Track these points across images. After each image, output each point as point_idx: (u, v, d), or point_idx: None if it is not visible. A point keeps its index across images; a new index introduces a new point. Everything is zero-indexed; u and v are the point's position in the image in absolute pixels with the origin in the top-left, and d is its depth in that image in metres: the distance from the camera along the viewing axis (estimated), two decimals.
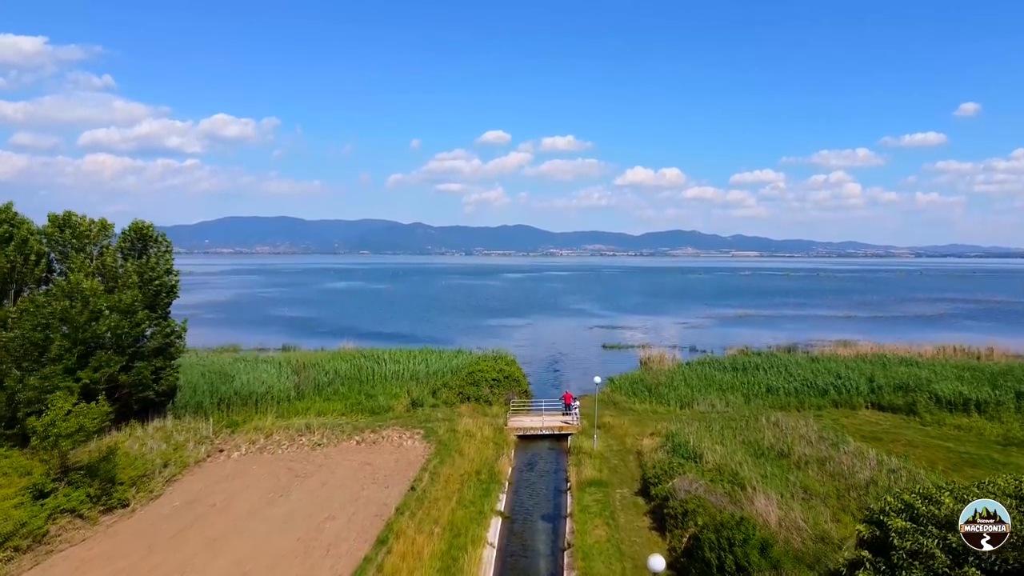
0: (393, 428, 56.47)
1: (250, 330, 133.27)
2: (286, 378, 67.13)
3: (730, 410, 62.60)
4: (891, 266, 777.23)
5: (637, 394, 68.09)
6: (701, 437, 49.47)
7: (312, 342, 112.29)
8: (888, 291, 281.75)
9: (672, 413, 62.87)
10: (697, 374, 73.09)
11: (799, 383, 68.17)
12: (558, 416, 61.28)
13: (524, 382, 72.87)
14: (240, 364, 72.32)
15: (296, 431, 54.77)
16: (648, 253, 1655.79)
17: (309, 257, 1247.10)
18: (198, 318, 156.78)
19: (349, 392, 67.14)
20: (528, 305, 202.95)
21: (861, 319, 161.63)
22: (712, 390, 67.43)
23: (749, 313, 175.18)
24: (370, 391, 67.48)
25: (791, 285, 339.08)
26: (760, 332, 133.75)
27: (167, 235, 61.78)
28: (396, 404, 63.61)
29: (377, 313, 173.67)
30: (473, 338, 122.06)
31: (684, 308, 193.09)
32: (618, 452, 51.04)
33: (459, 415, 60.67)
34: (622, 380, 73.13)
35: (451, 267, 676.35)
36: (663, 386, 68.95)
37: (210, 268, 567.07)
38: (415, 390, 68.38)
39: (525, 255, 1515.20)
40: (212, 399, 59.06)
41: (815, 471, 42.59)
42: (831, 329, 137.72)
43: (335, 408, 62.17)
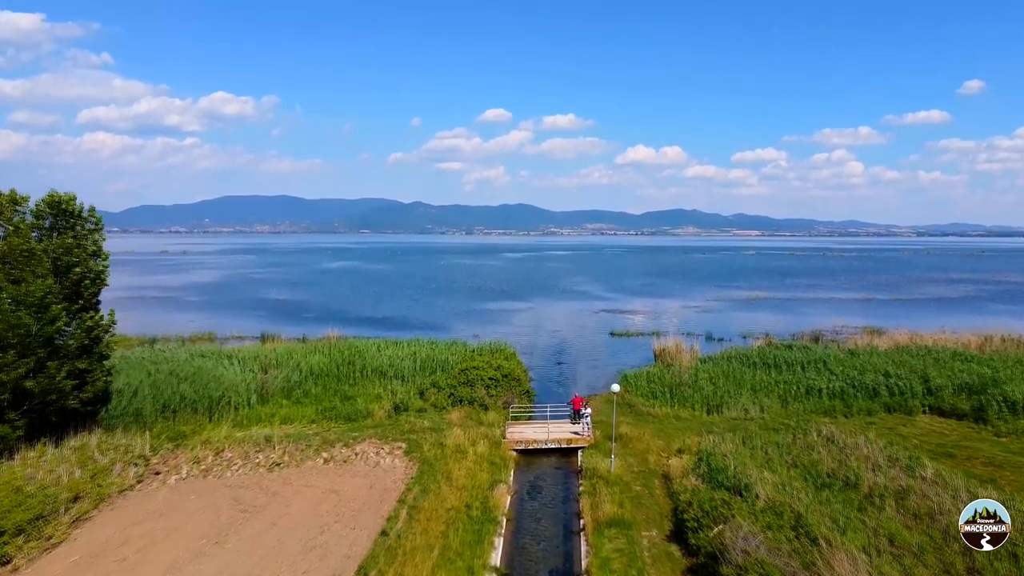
0: (370, 441, 47.47)
1: (231, 315, 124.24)
2: (250, 378, 57.93)
3: (765, 416, 53.55)
4: (895, 245, 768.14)
5: (656, 395, 58.97)
6: (742, 457, 40.42)
7: (294, 329, 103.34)
8: (900, 271, 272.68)
9: (698, 420, 53.85)
10: (723, 371, 63.91)
11: (843, 382, 58.97)
12: (565, 425, 52.21)
13: (525, 381, 63.72)
14: (200, 360, 63.19)
15: (253, 445, 45.76)
16: (649, 232, 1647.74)
17: (309, 236, 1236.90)
18: (179, 301, 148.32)
19: (323, 393, 58.09)
20: (529, 286, 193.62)
21: (881, 302, 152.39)
22: (742, 391, 58.29)
23: (761, 295, 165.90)
24: (348, 392, 58.45)
25: (798, 265, 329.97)
26: (777, 317, 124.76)
27: (171, 214, 51.97)
28: (376, 409, 54.48)
29: (369, 296, 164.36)
30: (470, 324, 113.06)
31: (691, 290, 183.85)
32: (640, 475, 42.01)
33: (449, 424, 51.64)
34: (637, 378, 63.95)
35: (450, 246, 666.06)
36: (686, 386, 59.83)
37: (205, 247, 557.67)
38: (400, 391, 59.40)
39: (526, 234, 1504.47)
40: (155, 406, 49.80)
41: (894, 509, 33.50)
42: (853, 313, 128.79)
43: (304, 414, 53.08)
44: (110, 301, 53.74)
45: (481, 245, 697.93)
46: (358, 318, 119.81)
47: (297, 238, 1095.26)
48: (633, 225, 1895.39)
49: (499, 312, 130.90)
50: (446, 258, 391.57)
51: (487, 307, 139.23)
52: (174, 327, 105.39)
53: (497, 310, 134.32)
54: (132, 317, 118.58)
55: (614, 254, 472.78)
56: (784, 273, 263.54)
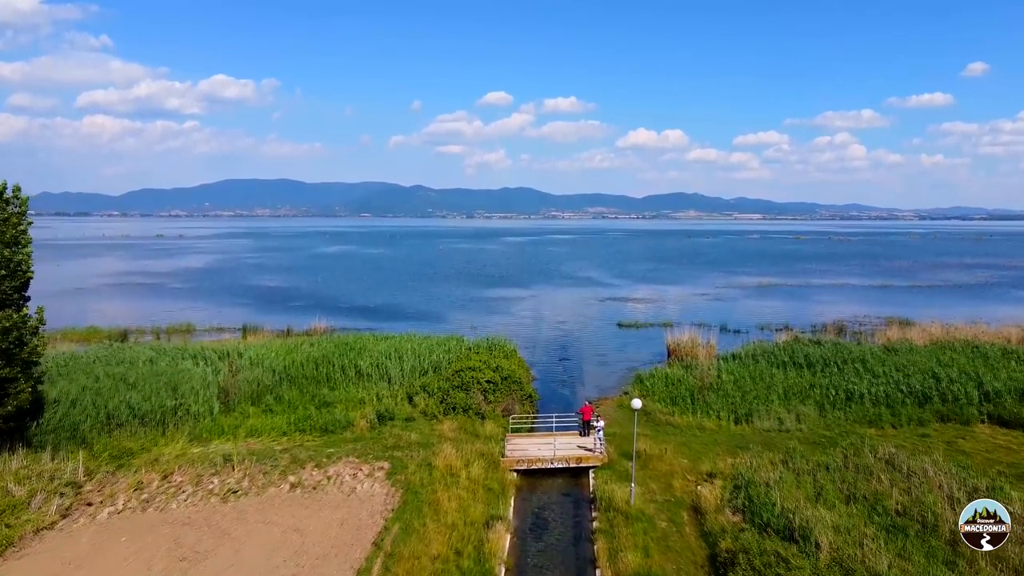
0: (347, 460, 40.67)
1: (215, 304, 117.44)
2: (215, 381, 50.98)
3: (803, 428, 46.71)
4: (899, 229, 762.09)
5: (676, 401, 52.05)
6: (788, 487, 33.67)
7: (279, 319, 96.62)
8: (911, 256, 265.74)
9: (726, 432, 47.03)
10: (749, 372, 56.92)
11: (887, 386, 52.04)
12: (574, 437, 45.39)
13: (527, 384, 56.78)
14: (163, 359, 56.32)
15: (209, 466, 38.95)
16: (650, 216, 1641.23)
17: (309, 220, 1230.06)
18: (164, 288, 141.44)
19: (300, 398, 51.23)
20: (530, 272, 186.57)
21: (900, 289, 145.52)
22: (773, 396, 51.39)
23: (772, 282, 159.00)
24: (327, 397, 51.58)
25: (805, 249, 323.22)
26: (792, 305, 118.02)
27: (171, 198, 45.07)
28: (358, 418, 47.57)
29: (363, 282, 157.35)
30: (467, 314, 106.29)
31: (699, 276, 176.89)
32: (665, 506, 35.20)
33: (440, 437, 44.84)
34: (654, 380, 56.99)
35: (450, 230, 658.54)
36: (709, 390, 52.94)
37: (202, 231, 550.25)
38: (386, 395, 52.67)
39: (527, 217, 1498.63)
40: (96, 419, 42.88)
41: (989, 563, 26.69)
42: (873, 302, 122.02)
43: (275, 425, 46.20)
44: (93, 289, 47.33)
45: (481, 229, 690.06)
46: (349, 307, 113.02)
47: (297, 222, 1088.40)
48: (634, 209, 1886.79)
49: (498, 300, 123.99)
50: (445, 242, 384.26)
51: (486, 295, 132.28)
52: (151, 317, 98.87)
53: (496, 298, 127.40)
54: (108, 307, 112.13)
55: (616, 238, 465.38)
56: (792, 258, 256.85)
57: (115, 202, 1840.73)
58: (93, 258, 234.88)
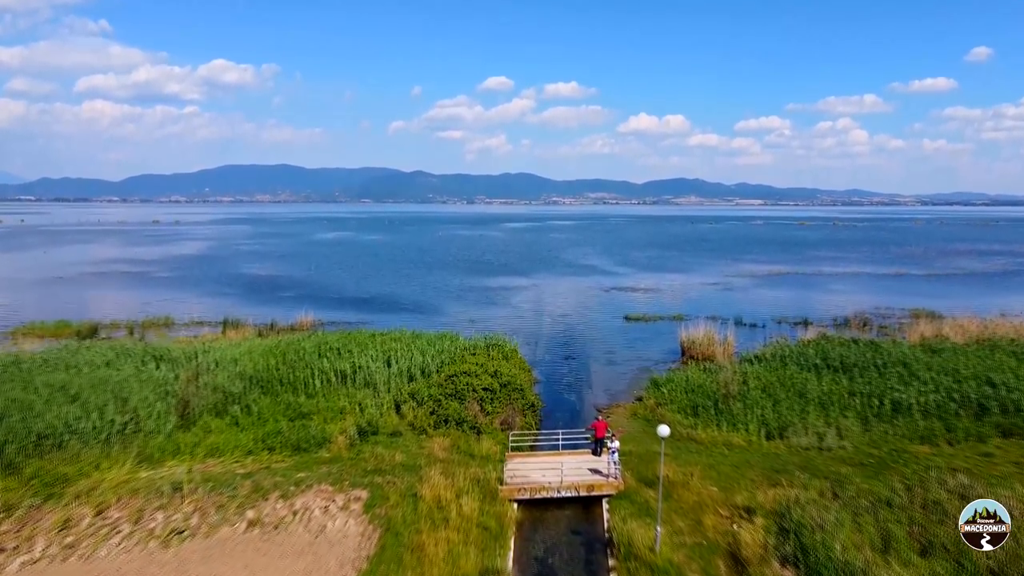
0: (319, 489, 34.66)
1: (200, 294, 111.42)
2: (176, 390, 44.88)
3: (847, 445, 40.58)
4: (902, 214, 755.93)
5: (698, 411, 46.00)
6: (846, 530, 27.68)
7: (265, 311, 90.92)
8: (920, 242, 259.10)
9: (757, 450, 40.98)
10: (778, 376, 50.76)
11: (937, 394, 45.90)
12: (584, 457, 39.33)
13: (529, 390, 50.53)
14: (119, 361, 50.26)
15: (155, 497, 32.98)
16: (651, 201, 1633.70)
17: (309, 205, 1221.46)
18: (149, 277, 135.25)
19: (272, 409, 45.20)
20: (531, 260, 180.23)
21: (916, 278, 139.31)
22: (808, 406, 45.25)
23: (783, 270, 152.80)
24: (303, 406, 45.55)
25: (811, 235, 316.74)
26: (807, 296, 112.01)
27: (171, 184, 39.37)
28: (336, 433, 41.50)
29: (358, 270, 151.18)
30: (465, 306, 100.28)
31: (706, 263, 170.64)
32: (696, 552, 29.14)
33: (429, 458, 38.82)
34: (670, 385, 50.88)
35: (451, 216, 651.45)
36: (734, 398, 46.86)
37: (199, 217, 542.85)
38: (370, 404, 46.70)
39: (527, 203, 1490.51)
40: (26, 439, 36.68)
41: None
42: (891, 292, 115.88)
43: (240, 443, 40.13)
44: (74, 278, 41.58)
45: (482, 215, 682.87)
46: (340, 298, 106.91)
47: (296, 207, 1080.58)
48: (635, 194, 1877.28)
49: (498, 291, 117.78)
50: (445, 229, 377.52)
51: (485, 284, 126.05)
52: (129, 310, 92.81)
53: (496, 288, 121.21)
54: (85, 298, 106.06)
55: (618, 224, 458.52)
56: (798, 244, 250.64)
57: (115, 188, 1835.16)
58: (83, 245, 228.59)
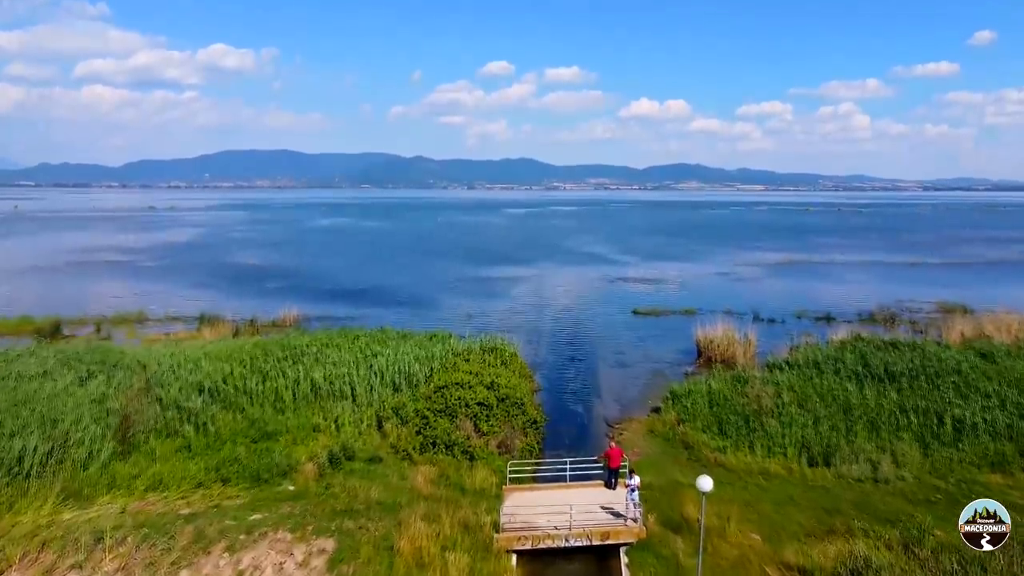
0: (275, 537, 28.41)
1: (183, 285, 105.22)
2: (119, 407, 38.56)
3: (906, 476, 34.23)
4: (906, 200, 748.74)
5: (725, 429, 39.77)
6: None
7: (248, 305, 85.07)
8: (931, 229, 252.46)
9: (800, 480, 34.64)
10: (813, 386, 44.41)
11: (1003, 410, 39.57)
12: (596, 490, 33.12)
13: (531, 404, 44.06)
14: (60, 369, 43.84)
15: (71, 549, 26.74)
16: (652, 187, 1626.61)
17: (308, 191, 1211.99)
18: (132, 267, 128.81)
19: (233, 427, 38.95)
20: (532, 248, 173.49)
21: (934, 267, 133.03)
22: (855, 424, 38.95)
23: (795, 258, 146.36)
24: (270, 425, 39.30)
25: (817, 221, 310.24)
26: (824, 287, 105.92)
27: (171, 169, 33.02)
28: (304, 460, 35.31)
29: (353, 259, 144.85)
30: (461, 298, 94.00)
31: (713, 251, 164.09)
32: None
33: (412, 493, 32.63)
34: (693, 397, 44.46)
35: (451, 201, 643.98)
36: (768, 414, 40.58)
37: (196, 203, 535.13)
38: (347, 421, 40.56)
39: (528, 189, 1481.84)
40: None
41: None
42: (912, 282, 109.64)
43: (188, 473, 33.80)
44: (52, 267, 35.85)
45: (482, 200, 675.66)
46: (330, 290, 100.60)
47: (296, 193, 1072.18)
48: (636, 180, 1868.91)
49: (497, 282, 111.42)
50: (444, 214, 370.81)
51: (484, 274, 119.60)
52: (101, 304, 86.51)
53: (495, 278, 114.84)
54: (57, 290, 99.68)
55: (620, 210, 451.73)
56: (806, 231, 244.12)
57: (115, 173, 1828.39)
58: (71, 232, 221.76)
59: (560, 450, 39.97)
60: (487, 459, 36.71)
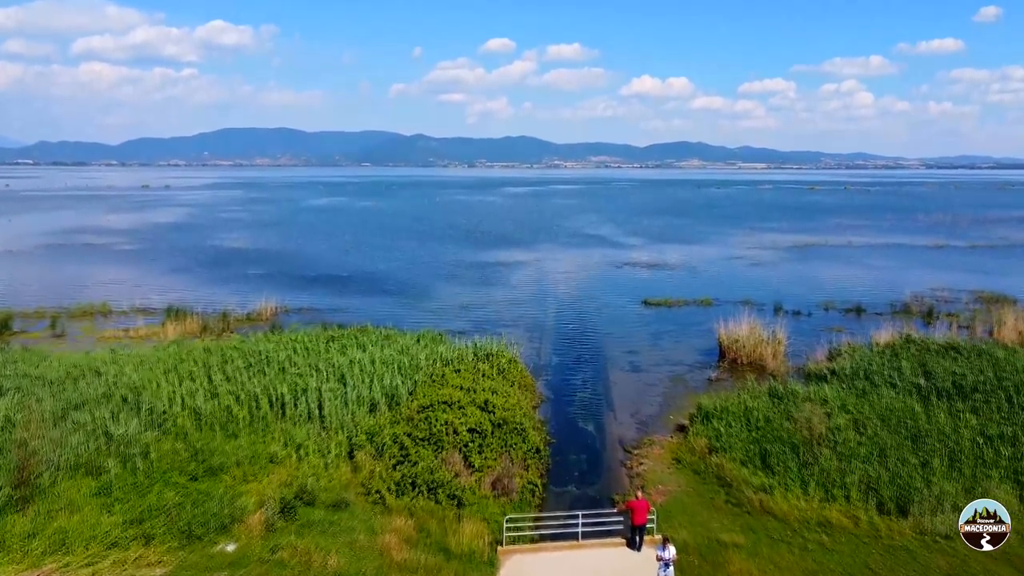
0: None
1: (159, 271, 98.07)
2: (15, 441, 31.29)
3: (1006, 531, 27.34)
4: (911, 178, 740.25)
5: (769, 460, 32.47)
6: None
7: (222, 293, 79.23)
8: (945, 208, 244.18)
9: (871, 536, 27.40)
10: (872, 405, 37.16)
11: None
12: (617, 551, 26.18)
13: (533, 428, 36.61)
14: None
15: None
16: (654, 165, 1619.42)
17: (308, 170, 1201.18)
18: (108, 250, 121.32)
19: (171, 459, 31.79)
20: (533, 230, 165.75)
21: (959, 250, 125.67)
22: (933, 458, 31.64)
23: (809, 241, 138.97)
24: (216, 456, 32.08)
25: (825, 200, 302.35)
26: (847, 273, 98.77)
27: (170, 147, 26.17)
28: (251, 507, 28.27)
29: (344, 241, 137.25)
30: (455, 288, 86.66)
31: (722, 233, 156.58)
32: None
33: (381, 556, 25.48)
34: (726, 415, 37.02)
35: (451, 180, 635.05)
36: (820, 442, 33.33)
37: (192, 182, 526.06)
38: (312, 449, 33.43)
39: (529, 167, 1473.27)
40: None
41: None
42: (940, 268, 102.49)
43: (101, 529, 26.70)
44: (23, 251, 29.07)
45: (483, 179, 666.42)
46: (314, 277, 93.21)
47: (295, 171, 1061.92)
48: (637, 158, 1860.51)
49: (496, 267, 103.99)
50: (444, 193, 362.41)
51: (481, 259, 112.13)
52: (66, 293, 79.47)
53: (493, 263, 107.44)
54: (21, 277, 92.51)
55: (623, 189, 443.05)
56: (816, 210, 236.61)
57: (114, 151, 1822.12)
58: (56, 212, 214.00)
59: (569, 486, 33.10)
60: (479, 504, 29.61)
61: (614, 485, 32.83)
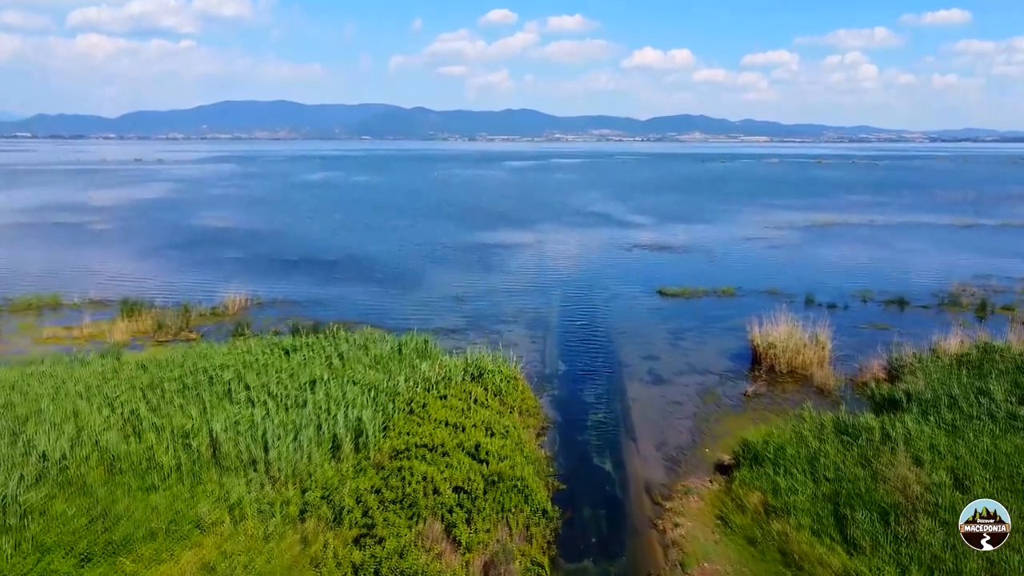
0: None
1: (127, 255, 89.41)
2: None
3: None
4: (917, 151, 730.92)
5: (848, 529, 24.54)
6: None
7: (190, 281, 71.00)
8: (964, 184, 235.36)
9: None
10: (969, 447, 29.15)
11: None
12: None
13: (540, 489, 28.20)
14: None
15: None
16: (655, 138, 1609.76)
17: (307, 143, 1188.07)
18: (79, 229, 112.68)
19: (64, 527, 23.93)
20: (534, 206, 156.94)
21: (992, 229, 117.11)
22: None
23: (828, 220, 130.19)
24: (122, 520, 24.35)
25: (834, 175, 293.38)
26: (876, 256, 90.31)
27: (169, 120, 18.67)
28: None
29: (332, 222, 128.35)
30: (451, 273, 78.36)
31: (734, 210, 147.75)
32: None
33: None
34: (782, 459, 29.01)
35: (450, 153, 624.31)
36: (918, 506, 25.41)
37: (187, 156, 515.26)
38: (251, 513, 25.57)
39: (529, 140, 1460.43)
40: None
41: None
42: (977, 251, 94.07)
43: None
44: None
45: (483, 152, 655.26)
46: (296, 262, 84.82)
47: (293, 145, 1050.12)
48: (639, 131, 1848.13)
49: (494, 250, 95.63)
50: (442, 167, 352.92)
51: (479, 240, 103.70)
52: (13, 281, 71.47)
53: (492, 245, 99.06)
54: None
55: (625, 163, 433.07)
56: (827, 186, 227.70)
57: (112, 124, 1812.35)
58: (36, 187, 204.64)
59: (585, 561, 25.32)
60: None
61: (643, 561, 25.07)
